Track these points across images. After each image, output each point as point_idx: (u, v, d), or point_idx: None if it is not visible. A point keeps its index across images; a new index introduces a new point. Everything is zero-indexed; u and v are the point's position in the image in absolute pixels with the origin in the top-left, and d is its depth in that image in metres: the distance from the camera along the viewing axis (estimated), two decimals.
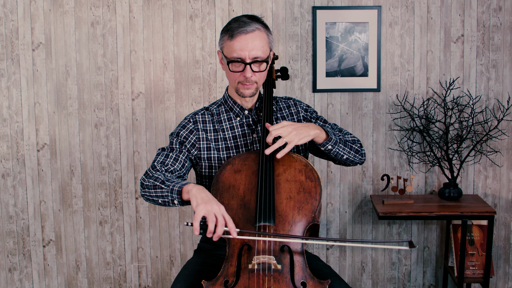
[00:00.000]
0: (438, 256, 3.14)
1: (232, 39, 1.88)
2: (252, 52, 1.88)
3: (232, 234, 1.68)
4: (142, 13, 3.00)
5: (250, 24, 1.89)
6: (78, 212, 3.12)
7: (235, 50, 1.88)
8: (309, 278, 1.73)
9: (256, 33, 1.89)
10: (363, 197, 3.11)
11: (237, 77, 1.93)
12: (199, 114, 2.06)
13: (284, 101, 2.13)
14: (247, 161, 1.91)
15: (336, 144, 1.95)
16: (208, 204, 1.66)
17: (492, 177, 3.06)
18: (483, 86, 3.01)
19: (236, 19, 1.92)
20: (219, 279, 1.74)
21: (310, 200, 1.82)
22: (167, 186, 1.78)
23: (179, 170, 1.94)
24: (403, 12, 2.98)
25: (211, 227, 1.63)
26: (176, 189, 1.76)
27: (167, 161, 1.94)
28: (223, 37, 1.93)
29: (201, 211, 1.64)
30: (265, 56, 1.92)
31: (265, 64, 1.93)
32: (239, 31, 1.88)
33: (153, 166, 1.91)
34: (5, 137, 3.07)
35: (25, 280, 3.17)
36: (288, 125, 1.86)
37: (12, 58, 3.01)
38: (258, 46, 1.89)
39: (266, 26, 1.95)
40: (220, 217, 1.65)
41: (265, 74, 1.98)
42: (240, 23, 1.89)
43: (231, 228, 1.67)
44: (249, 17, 1.92)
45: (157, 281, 3.19)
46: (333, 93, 3.03)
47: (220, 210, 1.66)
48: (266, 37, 1.93)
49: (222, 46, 1.94)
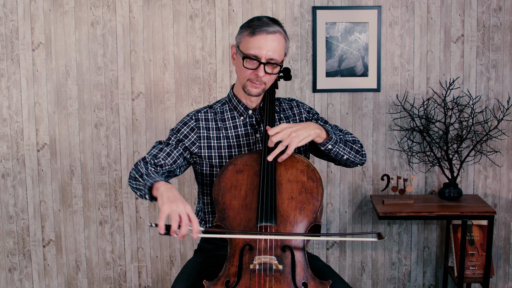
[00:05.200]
0: (438, 256, 3.14)
1: (253, 36, 1.89)
2: (269, 53, 1.89)
3: (193, 235, 1.64)
4: (142, 13, 3.00)
5: (272, 26, 1.90)
6: (78, 212, 3.12)
7: (253, 47, 1.89)
8: (310, 279, 1.74)
9: (276, 36, 1.90)
10: (363, 197, 3.11)
11: (248, 74, 1.93)
12: (201, 112, 2.06)
13: (287, 102, 2.14)
14: (249, 162, 1.91)
15: (336, 143, 1.95)
16: (174, 203, 1.64)
17: (492, 177, 3.06)
18: (483, 86, 3.01)
19: (259, 18, 1.93)
20: (221, 279, 1.74)
21: (312, 201, 1.83)
22: (143, 180, 1.79)
23: (169, 165, 1.95)
24: (403, 12, 2.98)
25: (174, 226, 1.61)
26: (148, 185, 1.76)
27: (159, 154, 1.95)
28: (243, 32, 1.93)
29: (165, 210, 1.63)
30: (280, 60, 1.93)
31: (278, 68, 1.95)
32: (261, 29, 1.89)
33: (143, 158, 1.93)
34: (5, 137, 3.07)
35: (25, 280, 3.17)
36: (287, 127, 1.86)
37: (12, 58, 3.01)
38: (276, 48, 1.90)
39: (285, 32, 1.96)
40: (185, 216, 1.63)
41: (274, 77, 1.99)
42: (263, 23, 1.90)
43: (194, 229, 1.64)
44: (271, 19, 1.94)
45: (157, 281, 3.19)
46: (333, 93, 3.03)
47: (185, 209, 1.64)
48: (284, 42, 1.94)
49: (239, 41, 1.94)
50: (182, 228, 1.62)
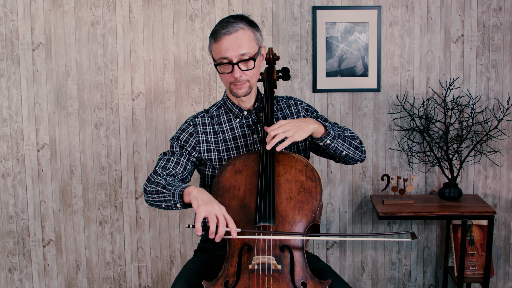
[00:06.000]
0: (438, 256, 3.14)
1: (217, 42, 1.90)
2: (237, 51, 1.89)
3: (232, 235, 1.69)
4: (142, 13, 3.00)
5: (233, 25, 1.90)
6: (78, 212, 3.12)
7: (220, 52, 1.90)
8: (309, 278, 1.73)
9: (239, 33, 1.90)
10: (363, 197, 3.11)
11: (228, 78, 1.94)
12: (198, 117, 2.07)
13: (285, 101, 2.14)
14: (247, 162, 1.91)
15: (334, 138, 1.95)
16: (209, 205, 1.67)
17: (492, 177, 3.06)
18: (483, 86, 3.01)
19: (221, 21, 1.94)
20: (220, 280, 1.74)
21: (311, 200, 1.82)
22: (168, 191, 1.80)
23: (181, 173, 1.96)
24: (403, 12, 2.98)
25: (212, 227, 1.65)
26: (177, 193, 1.77)
27: (168, 165, 1.96)
28: (210, 40, 1.95)
29: (202, 212, 1.65)
30: (252, 53, 1.92)
31: (252, 61, 1.93)
32: (222, 32, 1.89)
33: (154, 171, 1.93)
34: (5, 137, 3.07)
35: (25, 280, 3.17)
36: (285, 123, 1.86)
37: (12, 58, 3.01)
38: (243, 43, 1.89)
39: (252, 23, 1.94)
40: (221, 218, 1.67)
41: (256, 71, 1.98)
42: (224, 25, 1.91)
43: (232, 228, 1.68)
44: (234, 17, 1.93)
45: (157, 281, 3.19)
46: (333, 93, 3.03)
47: (221, 211, 1.68)
48: (252, 34, 1.93)
49: (210, 49, 1.96)
50: (220, 229, 1.66)
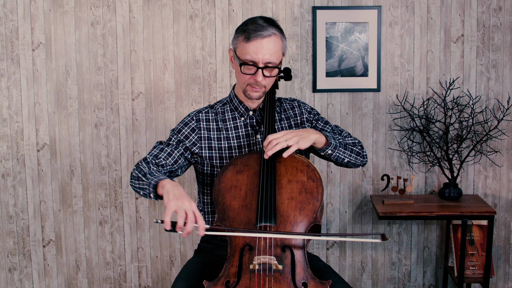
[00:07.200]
0: (438, 256, 3.14)
1: (248, 42, 1.87)
2: (266, 57, 1.87)
3: (199, 232, 1.65)
4: (142, 13, 3.00)
5: (267, 28, 1.87)
6: (78, 212, 3.12)
7: (249, 53, 1.87)
8: (310, 279, 1.74)
9: (272, 38, 1.88)
10: (363, 197, 3.11)
11: (247, 79, 1.92)
12: (202, 112, 2.06)
13: (289, 102, 2.13)
14: (249, 162, 1.91)
15: (336, 148, 1.95)
16: (180, 200, 1.65)
17: (492, 177, 3.06)
18: (483, 86, 3.01)
19: (253, 21, 1.90)
20: (221, 279, 1.74)
21: (312, 201, 1.83)
22: (147, 179, 1.80)
23: (170, 165, 1.95)
24: (403, 12, 2.98)
25: (180, 222, 1.62)
26: (153, 183, 1.77)
27: (160, 154, 1.96)
28: (238, 37, 1.91)
29: (172, 207, 1.64)
30: (278, 62, 1.91)
31: (276, 70, 1.93)
32: (255, 34, 1.86)
33: (144, 158, 1.94)
34: (5, 137, 3.06)
35: (25, 280, 3.17)
36: (288, 132, 1.86)
37: (12, 58, 3.01)
38: (273, 51, 1.88)
39: (282, 31, 1.93)
40: (190, 214, 1.64)
41: (274, 79, 1.97)
42: (257, 26, 1.88)
43: (200, 225, 1.65)
44: (266, 20, 1.91)
45: (157, 281, 3.19)
46: (333, 93, 3.03)
47: (191, 206, 1.65)
48: (281, 42, 1.91)
49: (236, 46, 1.93)
50: (187, 225, 1.63)
